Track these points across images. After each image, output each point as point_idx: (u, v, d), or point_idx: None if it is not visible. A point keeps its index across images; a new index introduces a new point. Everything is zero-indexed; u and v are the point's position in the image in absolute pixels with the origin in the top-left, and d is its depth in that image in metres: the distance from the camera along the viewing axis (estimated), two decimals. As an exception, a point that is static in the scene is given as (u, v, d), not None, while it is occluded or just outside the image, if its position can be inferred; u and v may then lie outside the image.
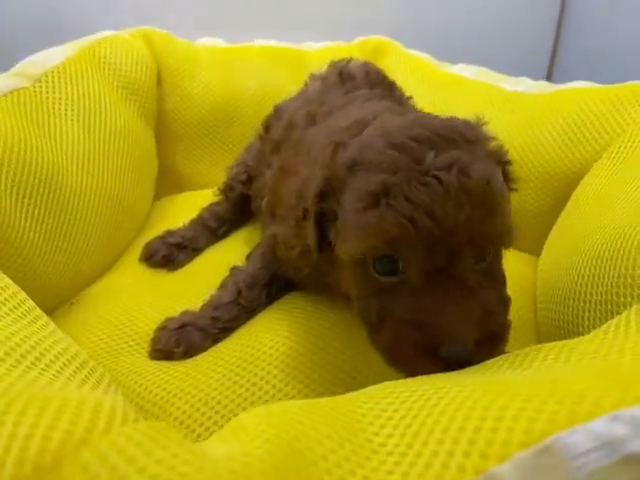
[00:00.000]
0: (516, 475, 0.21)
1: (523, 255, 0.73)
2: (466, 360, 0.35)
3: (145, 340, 0.56)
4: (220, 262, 0.67)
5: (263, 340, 0.52)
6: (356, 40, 1.06)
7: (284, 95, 0.82)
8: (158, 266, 0.72)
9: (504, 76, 0.87)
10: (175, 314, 0.58)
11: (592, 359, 0.30)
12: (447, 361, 0.35)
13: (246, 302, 0.57)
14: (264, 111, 0.83)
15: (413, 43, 1.02)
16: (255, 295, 0.58)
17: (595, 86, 0.74)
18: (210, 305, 0.57)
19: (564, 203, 0.67)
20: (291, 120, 0.66)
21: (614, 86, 0.69)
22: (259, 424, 0.25)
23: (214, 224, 0.80)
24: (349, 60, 0.77)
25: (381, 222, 0.36)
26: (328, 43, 1.06)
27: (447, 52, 0.99)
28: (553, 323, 0.53)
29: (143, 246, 0.74)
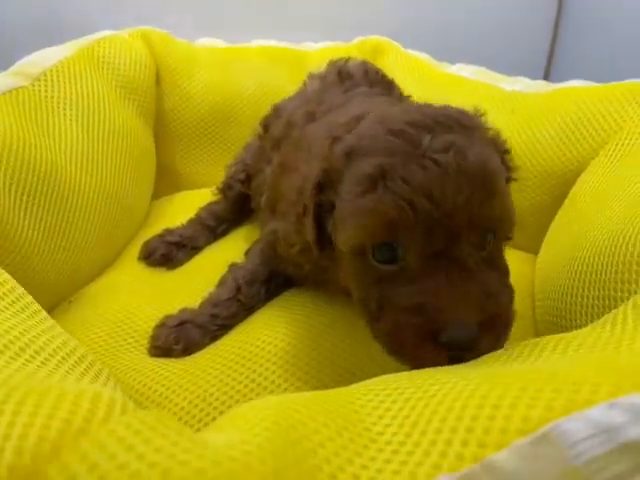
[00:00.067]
0: (514, 462, 0.22)
1: (521, 253, 0.73)
2: (469, 345, 0.34)
3: (144, 337, 0.56)
4: (219, 260, 0.67)
5: (262, 337, 0.52)
6: (355, 40, 1.07)
7: (283, 95, 0.82)
8: (157, 264, 0.72)
9: (502, 76, 0.87)
10: (174, 312, 0.58)
11: (589, 351, 0.30)
12: (449, 347, 0.34)
13: (245, 299, 0.57)
14: (263, 111, 0.83)
15: (412, 43, 1.02)
16: (254, 292, 0.58)
17: (592, 84, 0.74)
18: (209, 302, 0.57)
19: (561, 201, 0.67)
20: (290, 119, 0.66)
21: (611, 84, 0.69)
22: (257, 414, 0.25)
23: (213, 223, 0.80)
24: (347, 59, 0.77)
25: (379, 205, 0.35)
26: (327, 43, 1.07)
27: (446, 52, 1.00)
28: (551, 319, 0.53)
29: (142, 245, 0.74)
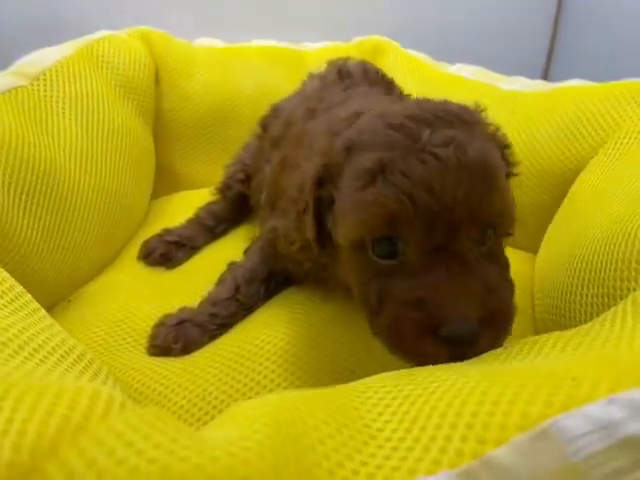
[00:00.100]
0: (513, 458, 0.21)
1: (520, 253, 0.73)
2: (470, 339, 0.33)
3: (143, 336, 0.56)
4: (218, 260, 0.67)
5: (261, 335, 0.52)
6: (354, 40, 1.07)
7: (282, 95, 0.83)
8: (156, 264, 0.72)
9: (501, 75, 0.87)
10: (173, 311, 0.58)
11: (588, 348, 0.30)
12: (450, 341, 0.33)
13: (244, 298, 0.57)
14: (261, 111, 0.83)
15: (412, 43, 1.02)
16: (253, 291, 0.58)
17: (591, 84, 0.74)
18: (208, 301, 0.57)
19: (561, 200, 0.67)
20: (290, 117, 0.66)
21: (609, 84, 0.69)
22: (256, 411, 0.25)
23: (212, 223, 0.80)
24: (347, 59, 0.77)
25: (379, 198, 0.35)
26: (326, 43, 1.07)
27: (445, 52, 1.00)
28: (551, 317, 0.53)
29: (141, 244, 0.74)
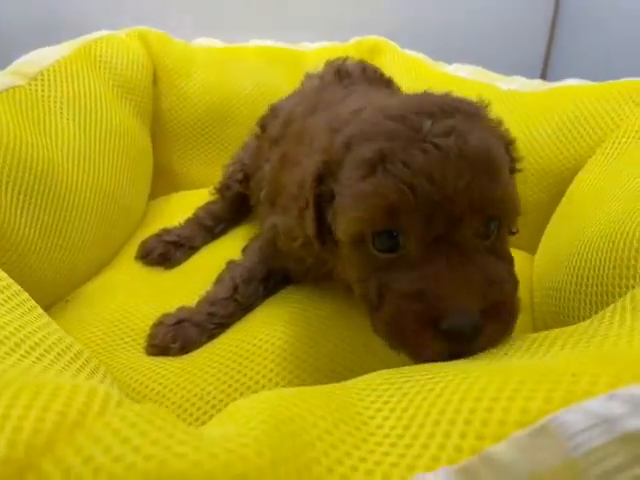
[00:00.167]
0: (512, 454, 0.21)
1: (519, 252, 0.73)
2: (471, 333, 0.33)
3: (141, 336, 0.56)
4: (217, 260, 0.67)
5: (259, 335, 0.52)
6: (352, 40, 1.07)
7: (280, 95, 0.83)
8: (155, 264, 0.72)
9: (499, 75, 0.88)
10: (171, 310, 0.58)
11: (588, 344, 0.30)
12: (451, 335, 0.33)
13: (242, 298, 0.57)
14: (260, 111, 0.83)
15: (410, 43, 1.02)
16: (252, 290, 0.58)
17: (589, 84, 0.74)
18: (206, 301, 0.57)
19: (559, 199, 0.67)
20: (290, 116, 0.66)
21: (607, 83, 0.70)
22: (254, 407, 0.25)
23: (210, 223, 0.80)
24: (345, 59, 0.77)
25: (379, 188, 0.35)
26: (324, 43, 1.07)
27: (444, 52, 1.00)
28: (550, 316, 0.53)
29: (139, 244, 0.74)
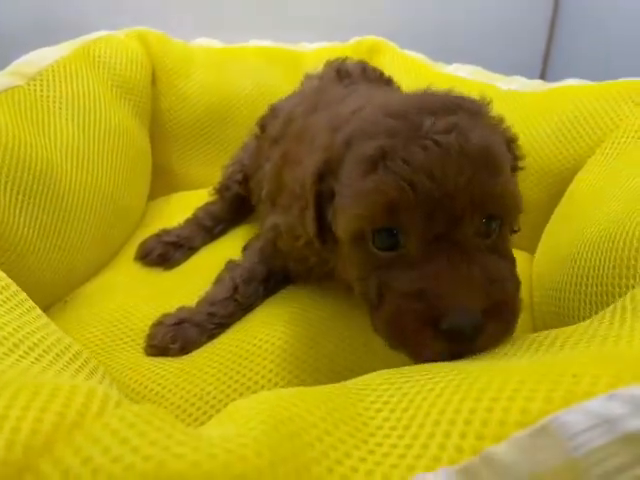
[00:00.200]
0: (513, 455, 0.21)
1: (519, 252, 0.72)
2: (472, 332, 0.32)
3: (140, 336, 0.56)
4: (216, 260, 0.67)
5: (259, 335, 0.52)
6: (351, 40, 1.07)
7: (279, 95, 0.82)
8: (154, 265, 0.72)
9: (499, 75, 0.88)
10: (171, 311, 0.58)
11: (588, 344, 0.30)
12: (451, 335, 0.32)
13: (242, 298, 0.57)
14: (259, 111, 0.83)
15: (410, 43, 1.02)
16: (252, 291, 0.58)
17: (588, 83, 0.74)
18: (206, 301, 0.57)
19: (558, 199, 0.67)
20: (290, 115, 0.66)
21: (607, 83, 0.70)
22: (253, 408, 0.25)
23: (210, 223, 0.80)
24: (344, 59, 0.77)
25: (380, 185, 0.34)
26: (323, 43, 1.07)
27: (444, 52, 1.00)
28: (549, 316, 0.53)
29: (139, 245, 0.74)
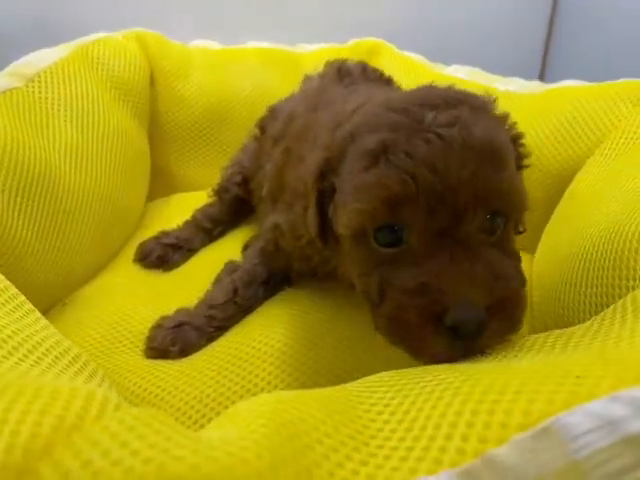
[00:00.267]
0: (515, 457, 0.21)
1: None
2: (476, 328, 0.32)
3: (139, 339, 0.56)
4: (216, 262, 0.67)
5: (258, 337, 0.51)
6: (350, 42, 1.07)
7: (278, 96, 0.82)
8: (153, 266, 0.71)
9: (497, 76, 0.88)
10: (170, 312, 0.57)
11: (589, 346, 0.30)
12: (455, 331, 0.31)
13: (242, 301, 0.57)
14: (258, 112, 0.83)
15: (409, 44, 1.02)
16: (251, 293, 0.57)
17: (586, 84, 0.74)
18: (205, 303, 0.57)
19: (558, 199, 0.67)
20: (291, 114, 0.66)
21: (605, 84, 0.70)
22: (254, 410, 0.25)
23: (209, 225, 0.79)
24: (345, 60, 0.77)
25: (381, 179, 0.34)
26: (322, 45, 1.07)
27: (442, 53, 1.00)
28: (549, 317, 0.53)
29: (137, 246, 0.74)
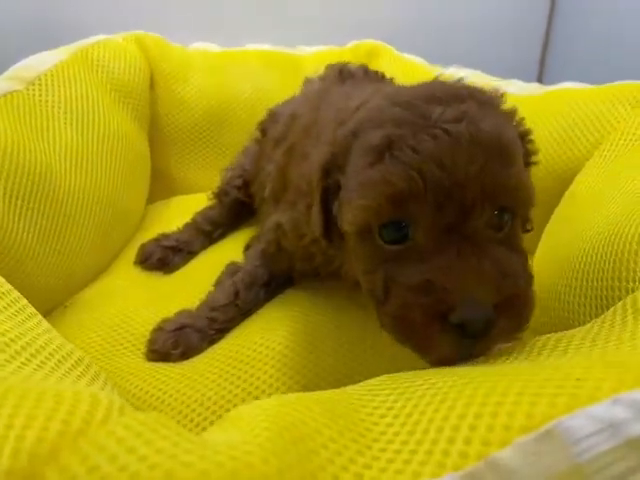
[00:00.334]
0: (518, 460, 0.21)
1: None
2: (483, 327, 0.31)
3: (140, 341, 0.56)
4: (215, 264, 0.67)
5: (259, 340, 0.52)
6: (349, 44, 1.07)
7: (277, 99, 0.83)
8: (153, 269, 0.72)
9: (496, 78, 0.88)
10: (170, 315, 0.57)
11: (590, 348, 0.30)
12: (462, 329, 0.31)
13: (243, 303, 0.57)
14: (257, 115, 0.83)
15: (409, 46, 1.02)
16: (252, 295, 0.57)
17: (585, 86, 0.75)
18: (207, 306, 0.57)
19: (557, 202, 0.67)
20: (293, 115, 0.66)
21: (604, 86, 0.70)
22: (257, 414, 0.25)
23: (209, 228, 0.80)
24: (346, 63, 0.77)
25: (386, 176, 0.33)
26: (321, 47, 1.07)
27: (442, 55, 1.00)
28: (549, 319, 0.53)
29: (138, 249, 0.74)
